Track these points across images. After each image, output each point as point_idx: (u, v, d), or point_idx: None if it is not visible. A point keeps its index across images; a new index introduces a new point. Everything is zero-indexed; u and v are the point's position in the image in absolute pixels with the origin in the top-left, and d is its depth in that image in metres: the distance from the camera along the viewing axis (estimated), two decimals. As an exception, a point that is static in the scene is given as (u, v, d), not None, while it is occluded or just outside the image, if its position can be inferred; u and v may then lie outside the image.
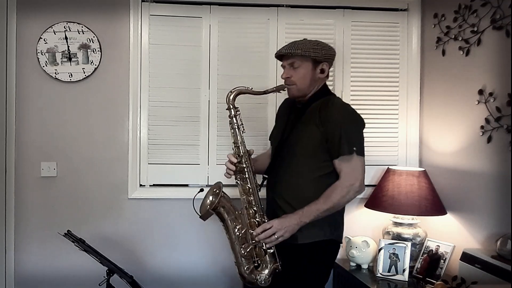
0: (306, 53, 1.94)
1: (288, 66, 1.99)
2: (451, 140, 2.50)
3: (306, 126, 1.97)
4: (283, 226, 1.84)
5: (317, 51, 1.96)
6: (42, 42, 2.57)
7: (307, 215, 1.85)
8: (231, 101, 2.00)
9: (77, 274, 2.61)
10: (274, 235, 1.83)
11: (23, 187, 2.61)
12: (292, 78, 1.98)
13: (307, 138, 1.95)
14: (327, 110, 1.93)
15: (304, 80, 1.97)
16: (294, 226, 1.85)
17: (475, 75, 2.32)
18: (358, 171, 1.91)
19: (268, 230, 1.84)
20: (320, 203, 1.87)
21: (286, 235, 1.84)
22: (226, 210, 1.96)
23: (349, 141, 1.89)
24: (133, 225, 2.69)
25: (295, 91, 2.00)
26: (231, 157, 1.99)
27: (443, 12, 2.55)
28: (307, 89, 1.99)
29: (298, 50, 1.94)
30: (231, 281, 2.73)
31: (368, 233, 2.67)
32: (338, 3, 2.75)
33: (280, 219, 1.87)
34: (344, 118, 1.93)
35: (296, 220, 1.85)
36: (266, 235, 1.84)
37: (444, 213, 2.47)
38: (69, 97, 2.62)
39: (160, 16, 2.68)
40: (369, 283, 2.33)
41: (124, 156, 2.66)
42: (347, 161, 1.89)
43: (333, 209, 1.89)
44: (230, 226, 1.96)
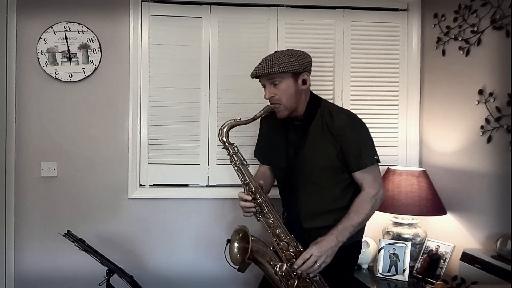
0: (285, 69, 1.84)
1: (269, 84, 1.91)
2: (451, 140, 2.50)
3: (319, 145, 1.91)
4: (322, 251, 1.76)
5: (294, 63, 1.85)
6: (42, 42, 2.57)
7: (343, 233, 1.82)
8: (226, 138, 1.91)
9: (77, 274, 2.61)
10: (316, 263, 1.76)
11: (23, 187, 2.61)
12: (276, 96, 1.89)
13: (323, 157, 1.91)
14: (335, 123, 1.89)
15: (289, 96, 1.89)
16: (333, 248, 1.79)
17: (475, 75, 2.32)
18: (379, 178, 1.95)
19: (308, 260, 1.76)
20: (352, 218, 1.84)
21: (327, 260, 1.78)
22: (261, 253, 1.84)
23: (369, 152, 1.91)
24: (133, 225, 2.69)
25: (283, 110, 1.91)
26: (244, 196, 1.88)
27: (443, 12, 2.55)
28: (294, 104, 1.91)
29: (275, 68, 1.84)
30: (231, 281, 2.73)
31: (368, 233, 2.66)
32: (338, 3, 2.75)
33: (317, 245, 1.78)
34: (356, 128, 1.92)
35: (334, 241, 1.79)
36: (308, 266, 1.75)
37: (444, 213, 2.47)
38: (69, 97, 2.62)
39: (160, 16, 2.68)
40: (369, 283, 2.33)
41: (124, 156, 2.66)
42: (369, 172, 1.90)
43: (365, 221, 1.91)
44: (269, 268, 1.84)
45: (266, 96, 1.92)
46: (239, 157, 1.91)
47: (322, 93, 2.70)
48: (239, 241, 1.87)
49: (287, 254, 1.84)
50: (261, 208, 1.88)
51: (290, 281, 1.80)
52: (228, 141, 1.91)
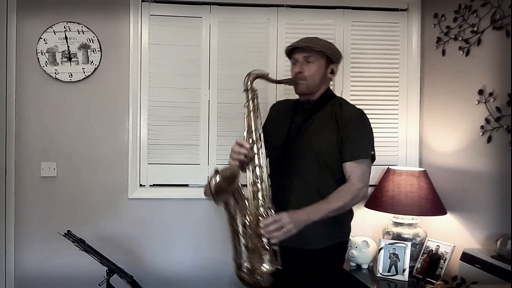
0: (325, 50, 1.92)
1: (302, 59, 1.94)
2: (451, 140, 2.50)
3: (321, 130, 1.91)
4: (292, 219, 1.69)
5: (333, 50, 1.96)
6: (42, 42, 2.57)
7: (316, 213, 1.76)
8: (250, 84, 1.88)
9: (77, 274, 2.61)
10: (283, 229, 1.67)
11: (23, 187, 2.61)
12: (305, 73, 1.93)
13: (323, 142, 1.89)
14: (343, 113, 1.91)
15: (315, 77, 1.93)
16: (302, 222, 1.72)
17: (475, 75, 2.32)
18: (367, 175, 1.91)
19: (277, 222, 1.68)
20: (330, 202, 1.79)
21: (294, 230, 1.69)
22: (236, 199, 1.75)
23: (366, 146, 1.91)
24: (133, 225, 2.69)
25: (304, 87, 1.94)
26: (242, 142, 1.79)
27: (443, 12, 2.55)
28: (316, 87, 1.95)
29: (318, 46, 1.91)
30: (231, 281, 2.73)
31: (368, 233, 2.67)
32: (338, 3, 2.75)
33: (289, 213, 1.71)
34: (361, 121, 1.93)
35: (305, 216, 1.73)
36: (274, 228, 1.67)
37: (444, 213, 2.47)
38: (69, 97, 2.62)
39: (160, 16, 2.68)
40: (369, 283, 2.33)
41: (124, 156, 2.66)
42: (360, 165, 1.87)
43: (342, 210, 1.84)
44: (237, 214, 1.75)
45: (296, 69, 1.95)
46: (255, 104, 1.87)
47: (322, 93, 2.71)
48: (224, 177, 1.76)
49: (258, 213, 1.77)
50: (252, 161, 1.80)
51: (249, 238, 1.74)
52: (252, 86, 1.88)
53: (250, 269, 1.77)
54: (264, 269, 1.75)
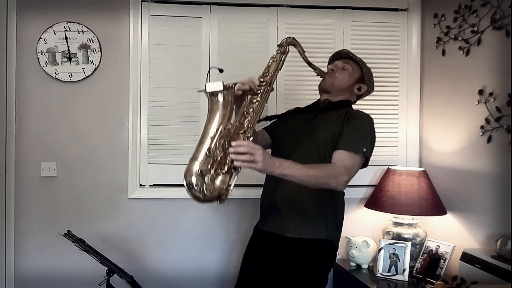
0: (361, 65, 2.07)
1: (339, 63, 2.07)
2: (451, 140, 2.50)
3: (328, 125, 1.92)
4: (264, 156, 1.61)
5: (368, 72, 2.09)
6: (42, 42, 2.57)
7: (287, 167, 1.67)
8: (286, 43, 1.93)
9: (77, 274, 2.61)
10: (251, 156, 1.58)
11: (23, 187, 2.61)
12: (336, 73, 2.04)
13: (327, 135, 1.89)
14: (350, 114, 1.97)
15: (343, 82, 2.04)
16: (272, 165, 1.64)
17: (475, 75, 2.32)
18: (353, 170, 1.83)
19: (251, 148, 1.59)
20: (306, 167, 1.70)
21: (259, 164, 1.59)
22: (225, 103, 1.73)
23: (362, 142, 1.87)
24: (133, 225, 2.69)
25: (329, 83, 2.03)
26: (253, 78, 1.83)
27: (443, 12, 2.55)
28: (339, 90, 2.04)
29: (358, 59, 2.07)
30: (231, 280, 2.73)
31: (368, 233, 2.67)
32: (338, 3, 2.75)
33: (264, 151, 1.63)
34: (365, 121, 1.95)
35: (277, 162, 1.66)
36: (241, 150, 1.58)
37: (444, 213, 2.47)
38: (69, 97, 2.62)
39: (160, 16, 2.68)
40: (369, 283, 2.33)
41: (124, 156, 2.66)
42: (350, 156, 1.83)
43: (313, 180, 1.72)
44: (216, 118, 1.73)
45: (330, 66, 2.07)
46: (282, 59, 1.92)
47: (322, 93, 2.71)
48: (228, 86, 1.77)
49: (236, 132, 1.71)
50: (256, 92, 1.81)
51: (218, 149, 1.65)
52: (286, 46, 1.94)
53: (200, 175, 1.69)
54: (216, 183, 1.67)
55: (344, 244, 2.62)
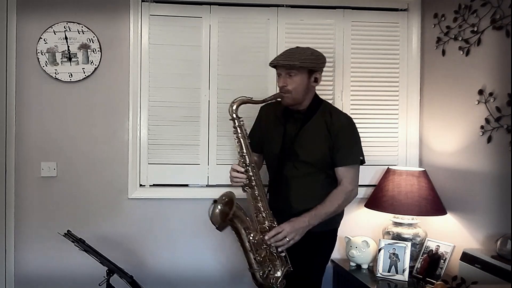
0: (304, 64, 2.01)
1: (285, 73, 2.06)
2: (451, 140, 2.50)
3: (314, 138, 2.09)
4: (293, 229, 1.95)
5: (313, 61, 2.05)
6: (42, 42, 2.57)
7: (315, 218, 2.00)
8: (234, 111, 2.06)
9: (77, 274, 2.61)
10: (286, 238, 1.94)
11: (23, 187, 2.61)
12: (288, 86, 2.05)
13: (316, 150, 2.08)
14: (334, 122, 2.08)
15: (299, 89, 2.06)
16: (304, 228, 1.98)
17: (475, 75, 2.32)
18: (357, 178, 2.13)
19: (280, 233, 1.94)
20: (327, 206, 2.03)
21: (296, 238, 1.96)
22: (240, 220, 2.01)
23: (356, 153, 2.11)
24: (133, 225, 2.69)
25: (289, 99, 2.07)
26: (237, 167, 2.04)
27: (443, 12, 2.55)
28: (301, 98, 2.08)
29: (296, 62, 2.01)
30: (231, 280, 2.74)
31: (368, 233, 2.67)
32: (338, 3, 2.75)
33: (290, 223, 1.97)
34: (351, 129, 2.13)
35: (306, 223, 1.98)
36: (278, 239, 1.94)
37: (444, 213, 2.47)
38: (69, 97, 2.62)
39: (160, 16, 2.67)
40: (369, 283, 2.33)
41: (124, 156, 2.66)
42: (351, 170, 2.09)
43: (336, 212, 2.09)
44: (243, 234, 2.00)
45: (280, 84, 2.09)
46: (242, 131, 2.08)
47: (322, 93, 2.70)
48: (223, 204, 2.02)
49: (262, 227, 2.01)
50: (250, 181, 2.03)
51: (259, 251, 1.98)
52: (236, 114, 2.06)
53: (265, 277, 2.00)
54: (277, 275, 1.99)
55: (344, 244, 2.62)
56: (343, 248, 2.64)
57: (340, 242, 2.70)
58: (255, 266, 1.99)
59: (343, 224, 2.25)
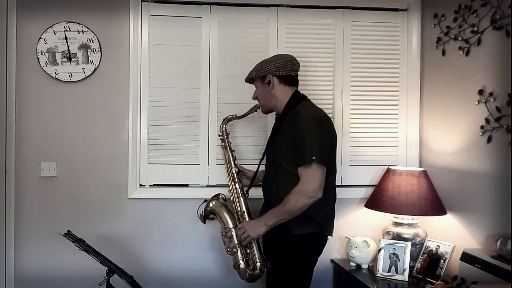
0: (250, 75, 2.22)
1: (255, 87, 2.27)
2: (451, 140, 2.50)
3: (283, 137, 2.14)
4: (248, 227, 2.14)
5: (258, 68, 2.19)
6: (42, 42, 2.57)
7: (270, 217, 2.08)
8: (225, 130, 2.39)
9: (77, 274, 2.61)
10: (243, 235, 2.14)
11: (23, 187, 2.61)
12: (256, 97, 2.27)
13: (284, 149, 2.12)
14: (293, 121, 2.08)
15: (262, 96, 2.22)
16: (259, 227, 2.11)
17: (475, 75, 2.32)
18: (315, 178, 2.01)
19: (240, 230, 2.17)
20: (279, 207, 2.06)
21: (252, 234, 2.12)
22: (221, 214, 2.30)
23: (310, 151, 2.00)
24: (133, 225, 2.69)
25: (262, 107, 2.28)
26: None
27: (443, 12, 2.55)
28: (270, 103, 2.22)
29: (250, 74, 2.23)
30: (231, 280, 2.73)
31: (368, 233, 2.67)
32: (338, 3, 2.75)
33: (248, 221, 2.20)
34: (307, 128, 2.03)
35: (261, 221, 2.11)
36: (239, 234, 2.17)
37: (444, 213, 2.47)
38: (69, 97, 2.62)
39: (160, 16, 2.67)
40: (369, 283, 2.33)
41: (124, 156, 2.66)
42: (307, 169, 2.01)
43: (291, 212, 2.04)
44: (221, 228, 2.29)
45: (252, 97, 2.29)
46: (228, 143, 2.39)
47: (322, 93, 2.72)
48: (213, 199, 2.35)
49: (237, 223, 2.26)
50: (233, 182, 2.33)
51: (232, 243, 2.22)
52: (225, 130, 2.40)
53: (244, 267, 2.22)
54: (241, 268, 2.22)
55: (344, 244, 2.62)
56: (343, 248, 2.64)
57: (340, 242, 2.71)
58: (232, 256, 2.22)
59: (343, 224, 2.24)
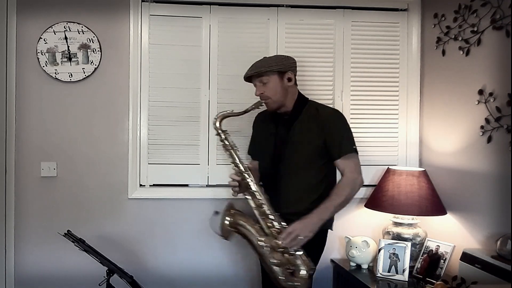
0: (270, 68, 2.11)
1: (259, 83, 2.15)
2: (451, 140, 2.50)
3: (304, 135, 2.13)
4: (304, 225, 1.97)
5: (279, 63, 2.13)
6: (42, 42, 2.57)
7: (325, 211, 2.03)
8: (219, 126, 2.17)
9: (77, 274, 2.61)
10: (299, 236, 1.95)
11: (23, 187, 2.61)
12: (265, 93, 2.13)
13: (308, 146, 2.12)
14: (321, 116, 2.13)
15: (276, 92, 2.13)
16: (315, 224, 1.99)
17: (475, 75, 2.32)
18: (359, 166, 2.14)
19: (292, 233, 1.95)
20: (334, 199, 2.04)
21: (310, 234, 1.97)
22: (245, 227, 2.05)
23: (349, 141, 2.13)
24: (133, 225, 2.69)
25: (272, 103, 2.15)
26: (234, 176, 2.12)
27: (443, 12, 2.55)
28: (283, 99, 2.15)
29: (262, 68, 2.12)
30: (232, 280, 2.74)
31: (368, 233, 2.67)
32: (338, 3, 2.75)
33: (300, 221, 1.99)
34: (342, 122, 2.16)
35: (315, 218, 2.00)
36: (291, 238, 1.95)
37: (444, 213, 2.47)
38: (69, 97, 2.62)
39: (160, 16, 2.67)
40: (369, 283, 2.33)
41: (124, 156, 2.66)
42: (350, 159, 2.11)
43: (346, 203, 2.09)
44: (254, 241, 2.02)
45: (256, 93, 2.17)
46: (230, 142, 2.17)
47: (322, 93, 2.72)
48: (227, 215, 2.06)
49: (272, 231, 2.02)
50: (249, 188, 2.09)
51: (275, 255, 1.98)
52: (220, 128, 2.18)
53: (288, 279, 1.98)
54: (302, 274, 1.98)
55: (344, 244, 2.62)
56: (343, 248, 2.64)
57: (340, 242, 2.71)
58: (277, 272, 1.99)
59: (343, 224, 2.25)
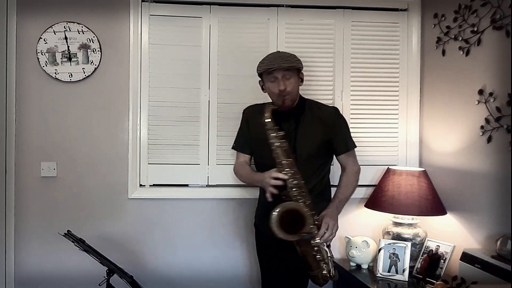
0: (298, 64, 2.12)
1: (281, 77, 2.08)
2: (451, 140, 2.50)
3: (310, 132, 2.16)
4: (334, 219, 2.07)
5: (299, 62, 2.14)
6: (42, 42, 2.57)
7: (340, 204, 2.17)
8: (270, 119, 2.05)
9: (77, 274, 2.61)
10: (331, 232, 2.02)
11: (23, 187, 2.61)
12: (288, 89, 2.09)
13: (314, 143, 2.16)
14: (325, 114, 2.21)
15: (295, 89, 2.14)
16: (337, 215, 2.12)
17: (475, 75, 2.32)
18: (357, 160, 2.32)
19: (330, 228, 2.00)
20: (346, 192, 2.21)
21: (336, 227, 2.05)
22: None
23: (351, 137, 2.28)
24: (133, 225, 2.69)
25: (290, 100, 2.12)
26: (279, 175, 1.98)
27: (443, 12, 2.55)
28: (296, 97, 2.18)
29: (294, 64, 2.10)
30: (232, 280, 2.74)
31: (368, 233, 2.67)
32: (338, 3, 2.75)
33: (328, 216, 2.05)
34: (342, 117, 2.28)
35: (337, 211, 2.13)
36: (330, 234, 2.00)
37: (444, 213, 2.47)
38: (69, 97, 2.62)
39: (160, 16, 2.67)
40: (369, 283, 2.33)
41: (124, 156, 2.66)
42: (351, 154, 2.28)
43: (352, 193, 2.26)
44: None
45: (280, 87, 2.08)
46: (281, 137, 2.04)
47: (322, 93, 2.72)
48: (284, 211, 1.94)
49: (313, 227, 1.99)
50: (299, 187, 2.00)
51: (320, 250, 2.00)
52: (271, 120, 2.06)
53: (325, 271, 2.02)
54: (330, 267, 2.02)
55: (344, 244, 2.62)
56: (343, 248, 2.64)
57: (340, 242, 2.70)
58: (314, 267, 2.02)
59: (343, 224, 2.23)
